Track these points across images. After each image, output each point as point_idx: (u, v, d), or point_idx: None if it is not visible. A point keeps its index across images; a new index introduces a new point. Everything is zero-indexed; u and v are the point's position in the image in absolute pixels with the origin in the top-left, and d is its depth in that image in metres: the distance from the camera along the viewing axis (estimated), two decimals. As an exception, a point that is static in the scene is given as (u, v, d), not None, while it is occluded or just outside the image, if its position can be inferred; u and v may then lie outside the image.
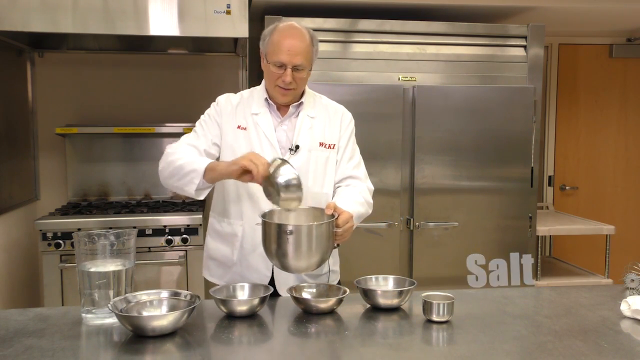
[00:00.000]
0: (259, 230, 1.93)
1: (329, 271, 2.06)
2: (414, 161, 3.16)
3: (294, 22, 1.96)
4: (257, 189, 1.90)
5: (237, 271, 2.01)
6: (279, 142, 1.98)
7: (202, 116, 2.05)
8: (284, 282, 1.96)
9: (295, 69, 1.89)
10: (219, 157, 2.02)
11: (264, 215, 1.80)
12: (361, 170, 2.09)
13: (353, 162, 2.07)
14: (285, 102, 1.98)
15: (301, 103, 2.01)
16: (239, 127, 1.99)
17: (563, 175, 4.42)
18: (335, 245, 1.82)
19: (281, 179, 1.76)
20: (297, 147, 1.97)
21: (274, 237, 1.73)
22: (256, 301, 1.68)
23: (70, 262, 2.95)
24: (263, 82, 2.04)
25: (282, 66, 1.88)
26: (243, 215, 1.99)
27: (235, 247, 2.01)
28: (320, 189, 2.00)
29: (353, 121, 2.10)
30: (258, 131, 1.97)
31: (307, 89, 2.04)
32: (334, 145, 2.03)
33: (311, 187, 1.96)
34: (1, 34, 2.97)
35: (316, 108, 2.04)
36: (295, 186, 1.78)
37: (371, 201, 2.05)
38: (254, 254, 1.98)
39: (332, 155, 2.02)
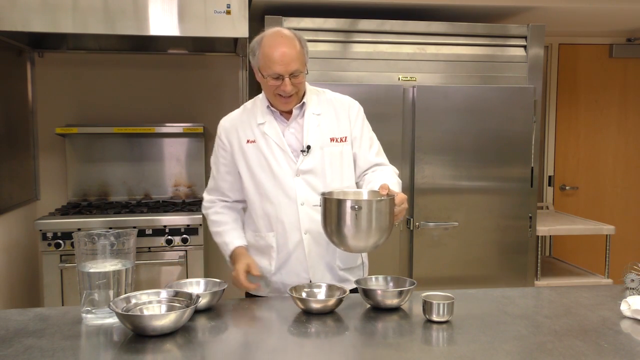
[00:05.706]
0: (291, 238, 1.96)
1: (362, 263, 2.07)
2: (414, 161, 3.16)
3: (278, 28, 1.93)
4: (279, 199, 1.96)
5: (278, 279, 2.02)
6: (290, 147, 1.97)
7: (213, 151, 2.10)
8: (320, 281, 1.95)
9: (292, 76, 1.87)
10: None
11: (323, 194, 1.78)
12: (383, 155, 2.09)
13: (374, 149, 2.07)
14: (288, 109, 1.98)
15: (303, 103, 1.99)
16: (248, 141, 2.00)
17: (563, 175, 4.42)
18: (395, 223, 1.79)
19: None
20: (308, 147, 1.96)
21: (337, 214, 1.70)
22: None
23: (70, 262, 2.95)
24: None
25: (279, 77, 1.87)
26: (272, 226, 2.00)
27: (272, 258, 2.01)
28: (340, 183, 1.99)
29: (362, 109, 2.09)
30: (267, 140, 1.97)
31: (307, 86, 2.03)
32: (346, 137, 2.01)
33: (330, 183, 1.97)
34: (1, 34, 2.97)
35: (321, 104, 2.02)
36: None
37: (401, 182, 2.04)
38: (290, 260, 1.99)
39: (346, 149, 2.01)
